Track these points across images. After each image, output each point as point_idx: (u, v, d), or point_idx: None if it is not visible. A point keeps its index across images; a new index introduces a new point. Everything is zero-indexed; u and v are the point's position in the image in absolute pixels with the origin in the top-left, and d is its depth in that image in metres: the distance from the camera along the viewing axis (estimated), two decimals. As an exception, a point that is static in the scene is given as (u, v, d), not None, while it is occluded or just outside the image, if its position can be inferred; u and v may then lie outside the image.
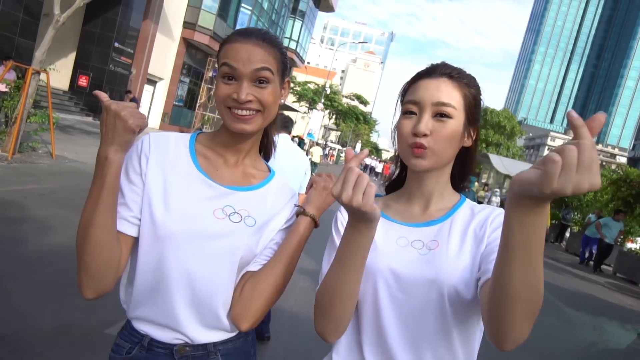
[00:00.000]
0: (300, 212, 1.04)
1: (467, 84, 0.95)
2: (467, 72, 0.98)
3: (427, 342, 0.90)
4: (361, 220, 0.77)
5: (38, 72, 7.40)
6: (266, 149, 1.18)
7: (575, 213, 16.61)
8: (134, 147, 0.99)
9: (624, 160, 70.49)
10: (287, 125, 3.16)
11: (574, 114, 0.59)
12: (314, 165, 20.45)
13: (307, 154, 32.40)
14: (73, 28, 16.08)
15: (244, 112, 0.97)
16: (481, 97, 0.98)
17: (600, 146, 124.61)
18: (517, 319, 0.70)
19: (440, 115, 0.92)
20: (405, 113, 0.95)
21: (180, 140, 1.04)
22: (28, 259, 3.64)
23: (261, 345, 3.10)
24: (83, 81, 17.22)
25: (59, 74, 14.32)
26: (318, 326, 0.91)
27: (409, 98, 0.95)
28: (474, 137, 0.99)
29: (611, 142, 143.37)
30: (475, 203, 1.00)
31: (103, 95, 0.92)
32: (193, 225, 0.94)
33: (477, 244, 0.90)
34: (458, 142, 0.95)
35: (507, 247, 0.67)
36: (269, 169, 1.13)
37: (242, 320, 0.98)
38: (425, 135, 0.91)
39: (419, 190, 1.00)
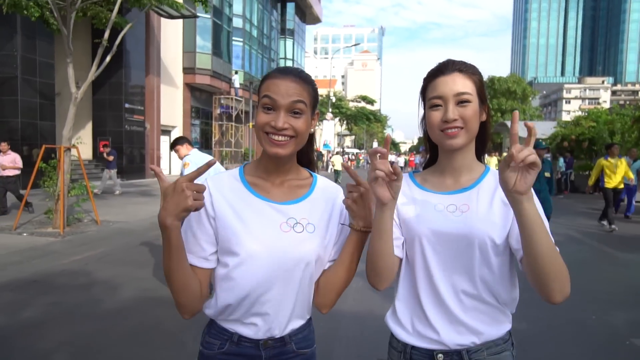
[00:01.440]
0: (350, 226, 1.20)
1: (474, 72, 1.19)
2: (470, 64, 1.23)
3: (462, 280, 1.18)
4: (379, 204, 1.11)
5: (69, 149, 7.96)
6: (309, 159, 1.35)
7: (607, 159, 16.31)
8: None
9: (647, 94, 67.97)
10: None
11: (529, 124, 0.95)
12: (336, 173, 21.48)
13: (329, 164, 32.20)
14: (85, 100, 16.96)
15: (280, 138, 1.13)
16: (483, 79, 1.25)
17: (619, 86, 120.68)
18: (548, 279, 1.02)
19: (462, 102, 1.16)
20: (432, 107, 1.19)
21: (232, 176, 1.24)
22: (108, 316, 4.01)
23: (334, 342, 3.35)
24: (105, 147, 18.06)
25: (82, 145, 15.10)
26: (369, 278, 1.22)
27: (433, 94, 1.19)
28: (486, 114, 1.25)
29: (630, 79, 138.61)
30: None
31: (159, 171, 1.10)
32: (268, 241, 1.15)
33: (507, 207, 1.14)
34: (478, 119, 1.20)
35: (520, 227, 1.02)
36: (311, 174, 1.31)
37: (323, 308, 1.26)
38: (456, 119, 1.16)
39: (449, 165, 1.23)
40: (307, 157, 1.34)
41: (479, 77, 1.21)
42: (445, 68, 1.19)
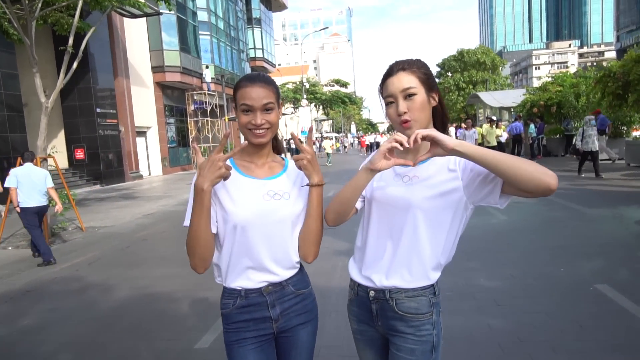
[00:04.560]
0: (309, 184, 1.50)
1: (418, 67, 1.42)
2: (415, 59, 1.46)
3: (395, 238, 1.51)
4: (374, 171, 1.37)
5: (45, 159, 7.94)
6: (278, 148, 1.70)
7: (574, 121, 16.86)
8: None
9: (613, 55, 69.55)
10: (31, 158, 6.48)
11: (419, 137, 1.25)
12: (327, 155, 25.43)
13: (320, 148, 33.37)
14: (55, 108, 16.52)
15: (260, 131, 1.47)
16: (430, 71, 1.47)
17: (585, 48, 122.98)
18: (533, 177, 1.20)
19: (409, 96, 1.39)
20: (388, 104, 1.44)
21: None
22: (106, 316, 4.16)
23: (325, 315, 3.58)
24: (80, 154, 17.84)
25: (57, 154, 14.91)
26: (327, 215, 1.52)
27: (385, 94, 1.44)
28: (437, 98, 1.46)
29: (595, 40, 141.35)
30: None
31: (197, 148, 1.58)
32: (254, 208, 1.46)
33: (451, 172, 1.39)
34: (428, 107, 1.43)
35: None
36: (283, 159, 1.64)
37: (307, 257, 1.55)
38: (405, 112, 1.39)
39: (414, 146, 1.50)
40: (276, 148, 1.69)
41: (423, 70, 1.43)
42: (392, 70, 1.43)
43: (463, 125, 18.56)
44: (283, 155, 1.69)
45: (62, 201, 8.39)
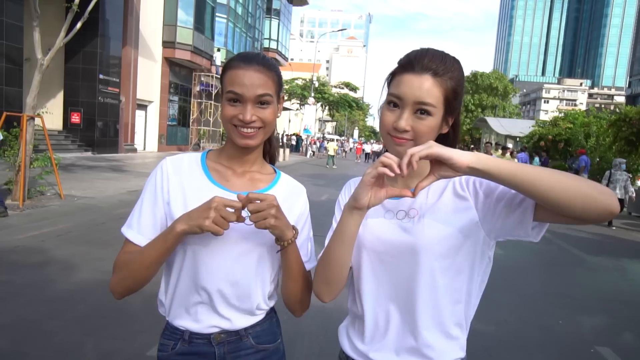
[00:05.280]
0: (282, 246, 1.09)
1: (450, 77, 0.99)
2: (452, 60, 1.02)
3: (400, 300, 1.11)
4: (362, 210, 0.97)
5: (32, 118, 7.53)
6: (271, 155, 1.31)
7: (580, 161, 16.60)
8: (155, 171, 1.15)
9: (622, 100, 69.81)
10: None
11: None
12: (330, 157, 24.24)
13: (308, 148, 33.00)
14: (56, 68, 16.19)
15: (249, 130, 1.10)
16: (463, 84, 1.05)
17: (596, 89, 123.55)
18: (583, 200, 0.84)
19: (421, 112, 0.99)
20: (389, 103, 1.02)
21: (192, 160, 1.19)
22: (59, 299, 3.77)
23: (296, 338, 3.21)
24: (75, 118, 17.37)
25: (52, 115, 14.45)
26: (316, 287, 1.10)
27: (393, 91, 1.01)
28: (450, 124, 1.07)
29: (606, 83, 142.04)
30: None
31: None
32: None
33: (460, 199, 1.03)
34: (435, 133, 1.03)
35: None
36: (275, 171, 1.25)
37: (295, 313, 1.23)
38: (405, 130, 0.99)
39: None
40: (268, 154, 1.33)
41: (454, 84, 1.01)
42: (418, 64, 0.99)
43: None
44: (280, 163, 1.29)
45: (44, 164, 8.00)
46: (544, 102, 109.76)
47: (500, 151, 14.60)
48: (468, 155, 0.85)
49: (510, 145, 25.38)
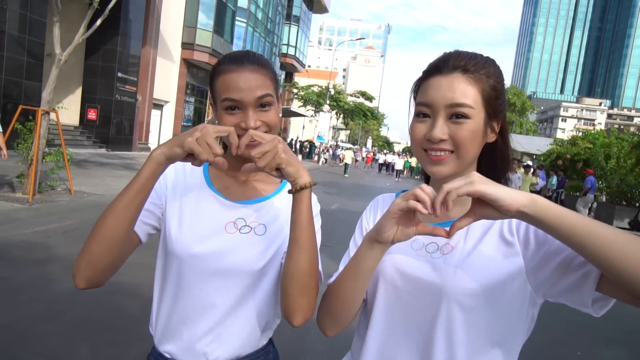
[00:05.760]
0: (295, 188, 0.90)
1: (486, 74, 0.86)
2: (485, 58, 0.89)
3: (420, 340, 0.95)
4: (385, 245, 0.82)
5: (47, 112, 7.52)
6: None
7: (600, 182, 16.20)
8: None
9: (642, 121, 68.76)
10: None
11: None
12: (345, 166, 25.11)
13: (320, 155, 33.21)
14: (76, 64, 16.37)
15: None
16: (503, 83, 0.91)
17: (615, 110, 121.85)
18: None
19: (457, 116, 0.84)
20: (418, 115, 0.88)
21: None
22: (59, 299, 3.66)
23: (298, 355, 3.06)
24: (92, 114, 17.51)
25: (69, 110, 14.56)
26: (320, 319, 0.97)
27: (421, 99, 0.88)
28: (498, 130, 0.91)
29: (626, 104, 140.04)
30: None
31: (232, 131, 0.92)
32: (206, 242, 0.99)
33: (507, 245, 0.85)
34: (480, 141, 0.88)
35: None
36: (281, 180, 1.12)
37: (294, 315, 0.95)
38: (442, 140, 0.84)
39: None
40: None
41: (494, 82, 0.86)
42: (445, 64, 0.86)
43: None
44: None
45: (57, 159, 7.98)
46: (562, 120, 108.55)
47: (522, 169, 12.68)
48: (521, 198, 0.69)
49: (529, 162, 25.02)
